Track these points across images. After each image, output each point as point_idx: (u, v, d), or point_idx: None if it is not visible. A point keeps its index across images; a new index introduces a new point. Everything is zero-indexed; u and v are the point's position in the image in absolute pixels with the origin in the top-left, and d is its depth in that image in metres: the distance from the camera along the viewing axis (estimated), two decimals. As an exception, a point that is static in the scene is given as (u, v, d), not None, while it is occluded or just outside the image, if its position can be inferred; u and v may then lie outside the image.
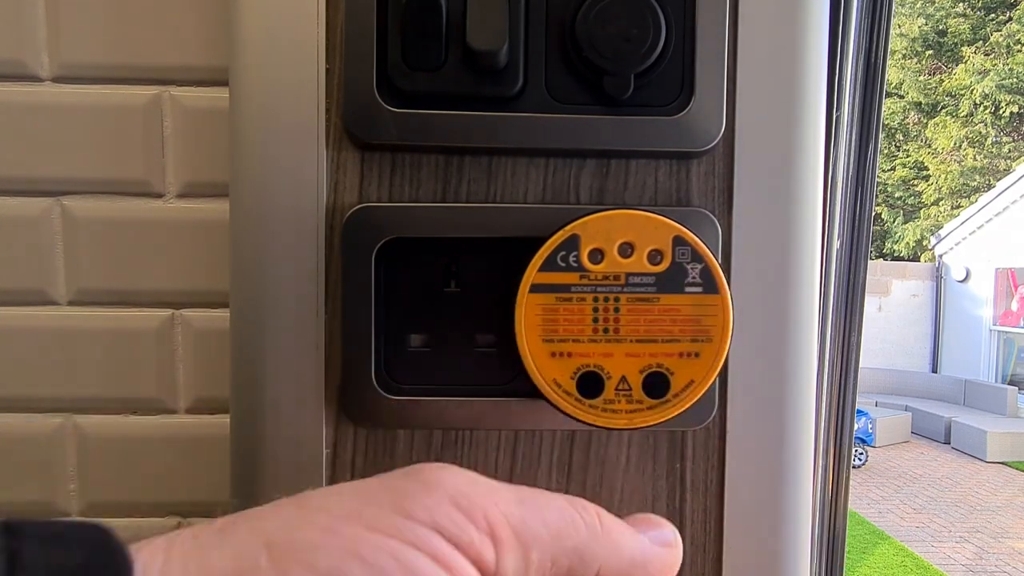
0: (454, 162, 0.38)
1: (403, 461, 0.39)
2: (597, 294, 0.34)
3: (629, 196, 0.38)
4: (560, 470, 0.39)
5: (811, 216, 0.38)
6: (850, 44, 0.55)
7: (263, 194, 0.37)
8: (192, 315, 0.54)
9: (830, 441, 0.62)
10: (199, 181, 0.53)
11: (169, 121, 0.53)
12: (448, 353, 0.39)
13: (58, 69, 0.52)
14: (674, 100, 0.37)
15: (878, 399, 9.99)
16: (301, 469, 0.38)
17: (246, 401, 0.39)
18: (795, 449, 0.39)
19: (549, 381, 0.35)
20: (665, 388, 0.35)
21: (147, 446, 0.55)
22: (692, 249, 0.34)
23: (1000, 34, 14.21)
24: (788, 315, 0.38)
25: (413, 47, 0.36)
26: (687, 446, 0.39)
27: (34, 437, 0.55)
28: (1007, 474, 7.93)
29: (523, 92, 0.36)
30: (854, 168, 0.60)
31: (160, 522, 0.56)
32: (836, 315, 0.60)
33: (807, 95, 0.38)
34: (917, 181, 15.29)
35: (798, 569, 0.39)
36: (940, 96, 15.00)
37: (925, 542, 6.07)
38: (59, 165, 0.53)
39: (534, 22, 0.36)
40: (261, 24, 0.37)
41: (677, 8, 0.36)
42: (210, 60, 0.52)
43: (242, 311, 0.38)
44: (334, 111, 0.37)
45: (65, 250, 0.54)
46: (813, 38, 0.37)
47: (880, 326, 11.36)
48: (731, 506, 0.39)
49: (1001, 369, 10.86)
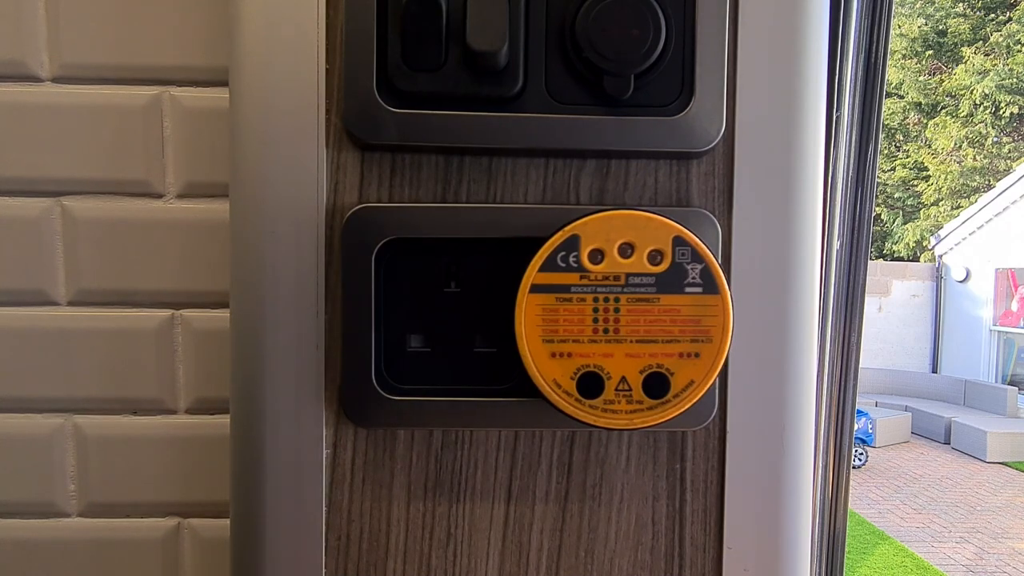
0: (454, 163, 0.38)
1: (403, 461, 0.39)
2: (597, 294, 0.34)
3: (629, 196, 0.38)
4: (560, 470, 0.39)
5: (811, 216, 0.38)
6: (850, 44, 0.55)
7: (263, 195, 0.37)
8: (192, 315, 0.54)
9: (830, 441, 0.62)
10: (199, 181, 0.53)
11: (169, 121, 0.53)
12: (448, 353, 0.39)
13: (58, 69, 0.52)
14: (674, 100, 0.37)
15: (878, 399, 9.99)
16: (301, 469, 0.38)
17: (246, 401, 0.39)
18: (795, 449, 0.39)
19: (549, 381, 0.35)
20: (665, 388, 0.35)
21: (147, 446, 0.55)
22: (692, 249, 0.34)
23: (1000, 34, 14.21)
24: (788, 315, 0.38)
25: (413, 47, 0.36)
26: (687, 446, 0.39)
27: (34, 437, 0.55)
28: (1007, 474, 7.92)
29: (523, 92, 0.36)
30: (854, 168, 0.60)
31: (160, 522, 0.56)
32: (836, 315, 0.60)
33: (807, 95, 0.38)
34: (917, 181, 15.29)
35: (798, 569, 0.39)
36: (940, 96, 15.00)
37: (925, 542, 6.07)
38: (59, 165, 0.53)
39: (534, 22, 0.36)
40: (261, 24, 0.37)
41: (677, 8, 0.36)
42: (210, 60, 0.52)
43: (242, 311, 0.38)
44: (334, 111, 0.37)
45: (65, 250, 0.54)
46: (813, 38, 0.37)
47: (880, 326, 11.35)
48: (731, 506, 0.39)
49: (1001, 369, 10.86)
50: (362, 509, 0.39)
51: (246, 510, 0.39)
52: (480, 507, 0.39)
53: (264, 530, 0.39)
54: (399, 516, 0.39)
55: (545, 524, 0.39)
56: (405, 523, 0.39)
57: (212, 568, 0.56)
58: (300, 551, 0.39)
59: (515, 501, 0.39)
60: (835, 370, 0.61)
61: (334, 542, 0.39)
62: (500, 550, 0.40)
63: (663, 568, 0.40)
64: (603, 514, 0.39)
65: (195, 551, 0.56)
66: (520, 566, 0.40)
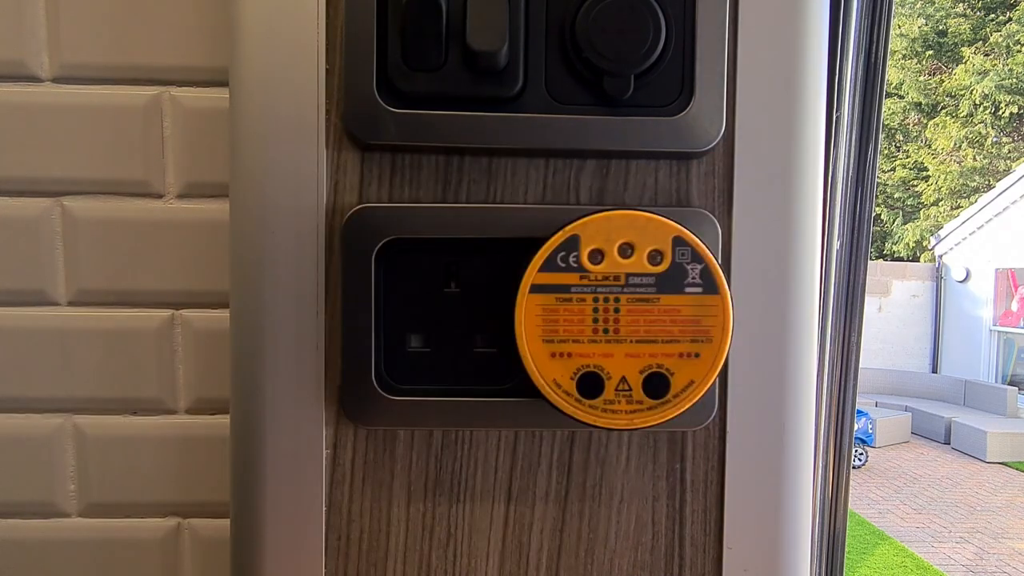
0: (454, 163, 0.38)
1: (403, 461, 0.39)
2: (597, 294, 0.34)
3: (629, 196, 0.38)
4: (560, 470, 0.39)
5: (811, 216, 0.38)
6: (850, 44, 0.55)
7: (263, 194, 0.37)
8: (192, 315, 0.54)
9: (830, 441, 0.62)
10: (199, 181, 0.53)
11: (169, 121, 0.53)
12: (448, 353, 0.39)
13: (58, 69, 0.52)
14: (674, 100, 0.37)
15: (878, 399, 9.99)
16: (301, 469, 0.38)
17: (246, 401, 0.39)
18: (795, 449, 0.39)
19: (549, 381, 0.35)
20: (665, 388, 0.35)
21: (147, 446, 0.55)
22: (692, 249, 0.34)
23: (1000, 34, 14.20)
24: (788, 315, 0.38)
25: (413, 47, 0.36)
26: (687, 446, 0.39)
27: (34, 437, 0.55)
28: (1007, 474, 7.92)
29: (523, 92, 0.36)
30: (854, 168, 0.60)
31: (160, 522, 0.56)
32: (836, 315, 0.60)
33: (807, 95, 0.38)
34: (917, 181, 15.29)
35: (798, 569, 0.39)
36: (940, 96, 15.00)
37: (925, 543, 6.07)
38: (59, 165, 0.53)
39: (534, 22, 0.36)
40: (261, 24, 0.37)
41: (677, 8, 0.36)
42: (210, 60, 0.52)
43: (242, 311, 0.38)
44: (334, 111, 0.37)
45: (65, 250, 0.54)
46: (813, 38, 0.37)
47: (880, 326, 11.35)
48: (731, 506, 0.39)
49: (1001, 369, 10.85)
50: (362, 509, 0.39)
51: (246, 510, 0.39)
52: (480, 507, 0.39)
53: (264, 530, 0.39)
54: (399, 516, 0.39)
55: (545, 524, 0.39)
56: (405, 523, 0.39)
57: (212, 568, 0.56)
58: (300, 551, 0.39)
59: (515, 501, 0.39)
60: (835, 370, 0.61)
61: (334, 542, 0.39)
62: (500, 550, 0.40)
63: (663, 568, 0.40)
64: (603, 514, 0.39)
65: (195, 551, 0.56)
66: (520, 566, 0.40)
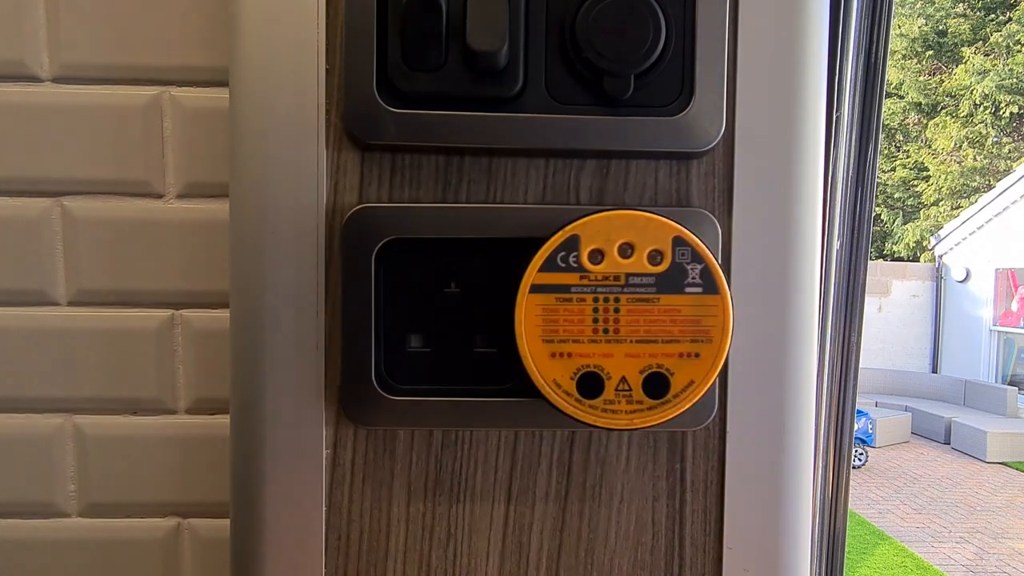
0: (454, 163, 0.38)
1: (403, 461, 0.39)
2: (597, 294, 0.34)
3: (629, 196, 0.38)
4: (560, 470, 0.39)
5: (811, 216, 0.38)
6: (850, 44, 0.55)
7: (263, 194, 0.37)
8: (192, 315, 0.54)
9: (830, 441, 0.62)
10: (199, 181, 0.53)
11: (169, 121, 0.53)
12: (448, 353, 0.39)
13: (58, 69, 0.52)
14: (674, 100, 0.37)
15: (878, 399, 9.98)
16: (301, 469, 0.38)
17: (246, 401, 0.39)
18: (795, 449, 0.39)
19: (549, 381, 0.35)
20: (665, 388, 0.35)
21: (147, 446, 0.55)
22: (692, 249, 0.34)
23: (1000, 34, 14.20)
24: (788, 315, 0.38)
25: (413, 47, 0.36)
26: (687, 446, 0.39)
27: (34, 437, 0.55)
28: (1007, 474, 7.92)
29: (523, 92, 0.36)
30: (854, 168, 0.60)
31: (160, 522, 0.56)
32: (836, 315, 0.60)
33: (807, 95, 0.38)
34: (917, 181, 15.29)
35: (798, 569, 0.39)
36: (940, 96, 14.99)
37: (925, 543, 6.06)
38: (59, 165, 0.53)
39: (534, 22, 0.36)
40: (261, 24, 0.37)
41: (677, 8, 0.36)
42: (210, 60, 0.52)
43: (242, 311, 0.38)
44: (334, 111, 0.37)
45: (65, 250, 0.54)
46: (813, 38, 0.37)
47: (880, 326, 11.35)
48: (731, 506, 0.39)
49: (1001, 369, 10.85)
50: (362, 509, 0.39)
51: (246, 510, 0.39)
52: (480, 507, 0.39)
53: (264, 530, 0.39)
54: (399, 516, 0.39)
55: (545, 524, 0.39)
56: (405, 523, 0.39)
57: (212, 568, 0.56)
58: (300, 551, 0.39)
59: (515, 501, 0.39)
60: (835, 370, 0.61)
61: (334, 542, 0.39)
62: (500, 550, 0.40)
63: (663, 568, 0.40)
64: (603, 514, 0.39)
65: (195, 551, 0.56)
66: (520, 566, 0.40)
